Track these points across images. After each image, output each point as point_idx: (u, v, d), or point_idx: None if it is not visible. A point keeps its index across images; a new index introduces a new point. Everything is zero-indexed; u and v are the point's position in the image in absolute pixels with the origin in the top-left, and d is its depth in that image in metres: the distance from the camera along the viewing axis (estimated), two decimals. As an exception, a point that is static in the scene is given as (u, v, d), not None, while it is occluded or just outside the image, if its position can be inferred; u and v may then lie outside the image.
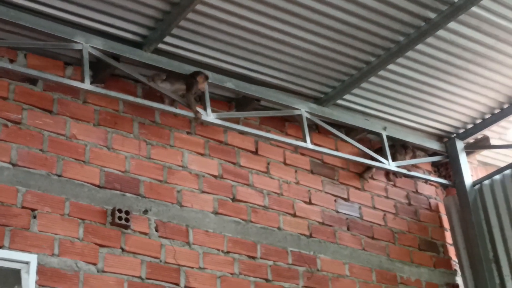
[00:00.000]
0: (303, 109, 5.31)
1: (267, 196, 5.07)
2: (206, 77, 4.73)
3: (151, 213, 4.44)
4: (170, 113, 4.73)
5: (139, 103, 4.55)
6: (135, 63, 4.63)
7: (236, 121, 5.06)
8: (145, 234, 4.36)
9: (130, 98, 4.52)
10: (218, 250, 4.62)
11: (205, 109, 4.78)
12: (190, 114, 4.70)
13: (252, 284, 4.66)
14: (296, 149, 5.39)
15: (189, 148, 4.84)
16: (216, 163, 4.92)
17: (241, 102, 5.20)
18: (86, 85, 4.30)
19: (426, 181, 6.15)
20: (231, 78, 4.99)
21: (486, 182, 5.91)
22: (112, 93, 4.43)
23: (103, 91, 4.41)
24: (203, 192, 4.76)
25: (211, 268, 4.53)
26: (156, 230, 4.41)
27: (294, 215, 5.15)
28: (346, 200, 5.55)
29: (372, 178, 5.79)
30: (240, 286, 4.59)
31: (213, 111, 4.85)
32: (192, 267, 4.45)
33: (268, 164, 5.21)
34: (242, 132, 5.07)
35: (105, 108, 4.57)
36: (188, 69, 4.77)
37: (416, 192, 6.09)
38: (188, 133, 4.89)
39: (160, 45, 4.62)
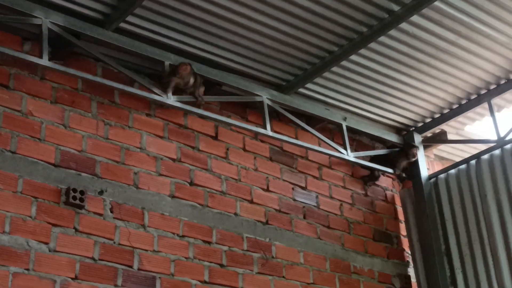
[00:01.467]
0: (265, 96, 5.31)
1: (225, 182, 5.05)
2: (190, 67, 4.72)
3: (107, 194, 4.39)
4: (129, 94, 4.67)
5: (98, 82, 4.48)
6: (96, 42, 4.55)
7: (197, 104, 5.01)
8: (100, 215, 4.31)
9: (89, 76, 4.44)
10: (173, 233, 4.60)
11: (165, 91, 4.73)
12: (150, 95, 4.65)
13: (206, 268, 4.65)
14: (256, 135, 5.39)
15: (148, 130, 4.79)
16: (175, 146, 4.88)
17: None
18: (44, 61, 4.21)
19: (384, 172, 6.21)
20: (193, 62, 4.94)
21: (442, 176, 6.00)
22: (71, 71, 4.35)
23: (62, 68, 4.32)
24: (161, 175, 4.72)
25: (166, 252, 4.50)
26: (111, 212, 4.36)
27: (251, 202, 5.14)
28: (304, 188, 5.57)
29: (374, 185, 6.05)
30: (194, 270, 4.57)
31: (173, 93, 4.80)
32: (146, 250, 4.42)
33: (227, 149, 5.19)
34: (202, 116, 5.03)
35: (63, 86, 4.48)
36: (150, 50, 4.72)
37: (373, 183, 6.15)
38: (147, 115, 4.84)
39: (122, 25, 4.55)
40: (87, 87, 4.57)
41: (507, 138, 5.55)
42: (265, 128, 5.22)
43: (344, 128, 5.79)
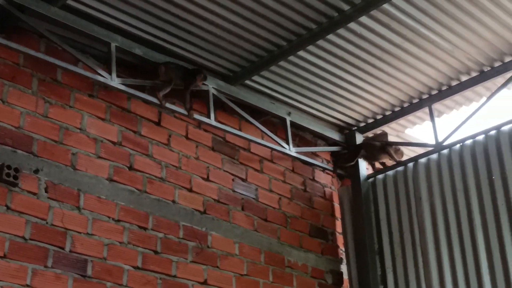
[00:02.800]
0: (211, 85, 5.29)
1: (165, 168, 5.02)
2: (205, 77, 4.98)
3: (42, 173, 4.30)
4: (73, 73, 4.58)
5: (41, 58, 4.38)
6: (41, 17, 4.44)
7: (142, 89, 4.96)
8: (34, 194, 4.22)
9: (32, 52, 4.35)
10: (109, 217, 4.54)
11: (110, 73, 4.67)
12: (94, 76, 4.59)
13: (139, 254, 4.61)
14: (199, 124, 5.37)
15: (90, 111, 4.71)
16: (116, 130, 4.82)
17: (148, 71, 5.10)
18: (-15, 33, 4.11)
19: (324, 169, 6.28)
20: (140, 45, 4.90)
21: (380, 176, 6.10)
22: (13, 45, 4.25)
23: (3, 41, 4.22)
24: (100, 157, 4.65)
25: (99, 235, 4.44)
26: (46, 191, 4.28)
27: (190, 190, 5.13)
28: (244, 180, 5.59)
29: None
30: (127, 256, 4.53)
31: (118, 76, 4.74)
32: (80, 232, 4.35)
33: (170, 136, 5.16)
34: (146, 101, 4.99)
35: (4, 60, 4.36)
36: (97, 30, 4.65)
37: (313, 179, 6.21)
38: (90, 95, 4.76)
39: (69, 2, 4.46)
40: (29, 63, 4.47)
41: (445, 143, 5.68)
42: (209, 117, 5.21)
43: (288, 123, 5.84)
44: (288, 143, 5.79)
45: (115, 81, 4.67)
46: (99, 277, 4.34)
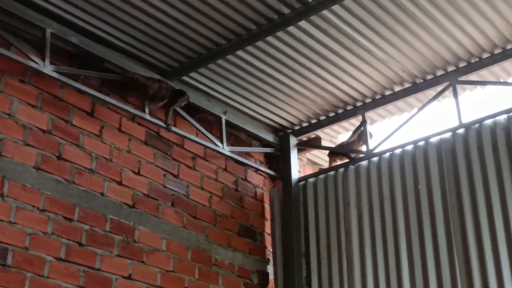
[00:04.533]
0: (147, 79, 5.26)
1: (95, 160, 4.95)
2: (188, 98, 5.31)
3: (-34, 157, 4.18)
4: (4, 57, 4.45)
5: (-29, 39, 4.26)
6: (-25, -3, 4.33)
7: (76, 78, 4.88)
8: (-45, 178, 4.10)
9: (-38, 32, 4.22)
10: (34, 206, 4.44)
11: (43, 59, 4.57)
12: (27, 62, 4.48)
13: (63, 246, 4.53)
14: (133, 117, 5.31)
15: (20, 97, 4.59)
16: (47, 118, 4.72)
17: (84, 60, 5.03)
18: None
19: (256, 170, 6.32)
20: (76, 33, 4.81)
21: (311, 180, 6.18)
22: None
23: None
24: (28, 145, 4.54)
25: (22, 224, 4.34)
26: (-32, 176, 4.16)
27: (120, 183, 5.07)
28: (176, 176, 5.56)
29: None
30: (50, 246, 4.44)
31: (52, 63, 4.65)
32: (2, 220, 4.23)
33: (102, 128, 5.08)
34: (80, 91, 4.90)
35: None
36: (32, 15, 4.54)
37: (245, 179, 6.24)
38: (21, 81, 4.64)
39: (5, -16, 4.36)
40: (-42, 43, 4.34)
41: (375, 151, 5.80)
42: (143, 111, 5.17)
43: (223, 121, 5.85)
44: (222, 142, 5.80)
45: (48, 68, 4.58)
46: (20, 266, 4.24)
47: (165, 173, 5.48)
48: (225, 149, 5.81)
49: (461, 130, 5.32)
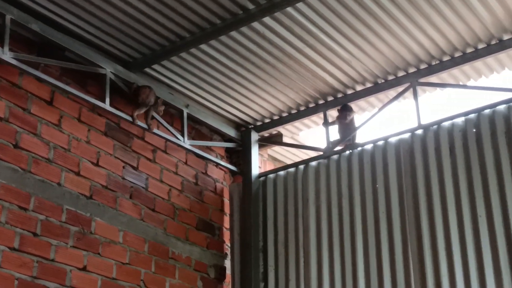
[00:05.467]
0: (108, 69, 5.21)
1: (53, 149, 4.88)
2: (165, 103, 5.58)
3: None
4: (-38, 41, 4.38)
5: None
6: None
7: (36, 66, 4.81)
8: None
9: None
10: (-13, 195, 4.37)
11: (2, 46, 4.49)
12: (-15, 47, 4.40)
13: (17, 235, 4.46)
14: (94, 108, 5.26)
15: (-23, 84, 4.52)
16: (4, 105, 4.63)
17: (44, 48, 4.95)
18: None
19: (217, 164, 6.32)
20: (37, 21, 4.74)
21: (271, 176, 6.20)
22: None
23: None
24: (-17, 132, 4.47)
25: (-25, 213, 4.28)
26: None
27: (77, 174, 5.01)
28: (135, 168, 5.52)
29: None
30: (3, 236, 4.35)
31: (11, 50, 4.57)
32: (-46, 208, 4.17)
33: (61, 117, 5.01)
34: (39, 79, 4.83)
35: None
36: (-8, 0, 4.46)
37: (205, 173, 6.23)
38: (-22, 67, 4.57)
39: (-35, -33, 4.27)
40: None
41: (335, 149, 5.85)
42: (103, 101, 5.12)
43: (185, 115, 5.83)
44: (183, 135, 5.79)
45: (7, 55, 4.50)
46: (-29, 256, 4.18)
47: (125, 165, 5.44)
48: (186, 142, 5.80)
49: (419, 131, 5.39)
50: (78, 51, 4.99)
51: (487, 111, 5.10)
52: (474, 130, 5.11)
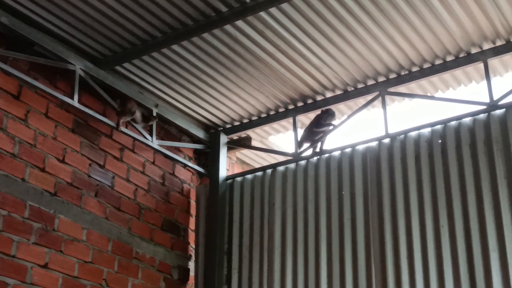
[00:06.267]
0: (78, 66, 5.17)
1: (18, 144, 4.82)
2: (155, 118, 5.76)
3: None
4: None
5: None
6: None
7: (4, 59, 4.75)
8: None
9: None
10: (-51, 188, 4.31)
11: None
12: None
13: (-22, 230, 4.41)
14: (62, 104, 5.21)
15: None
16: (-30, 98, 4.59)
17: (14, 42, 4.89)
18: None
19: (185, 165, 6.30)
20: (7, 14, 4.68)
21: (239, 179, 6.21)
22: None
23: None
24: None
25: None
26: None
27: (42, 170, 4.96)
28: (102, 166, 5.49)
29: None
30: (-37, 230, 4.32)
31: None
32: None
33: (28, 112, 4.96)
34: (7, 73, 4.77)
35: None
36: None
37: (173, 174, 6.21)
38: None
39: None
40: None
41: (303, 154, 5.88)
42: (72, 98, 5.08)
43: (154, 114, 5.81)
44: (152, 135, 5.77)
45: (-26, 47, 4.44)
46: None
47: (91, 162, 5.40)
48: (154, 142, 5.78)
49: (386, 140, 5.45)
50: (48, 46, 4.95)
51: (453, 123, 5.18)
52: (440, 141, 5.18)
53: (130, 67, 5.45)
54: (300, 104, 6.00)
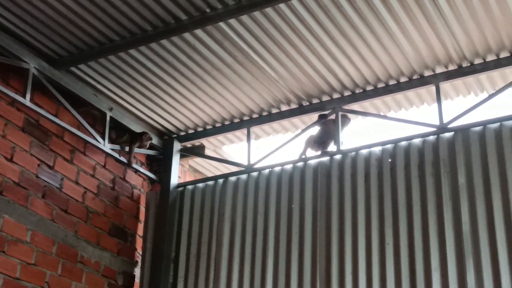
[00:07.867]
0: (32, 65, 5.10)
1: (-35, 141, 4.73)
2: (150, 138, 5.97)
3: None
4: None
5: None
6: None
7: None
8: None
9: None
10: None
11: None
12: None
13: None
14: (13, 102, 5.12)
15: None
16: None
17: (-33, 36, 4.82)
18: None
19: (136, 171, 6.25)
20: (-38, 8, 4.61)
21: (190, 187, 6.20)
22: None
23: None
24: None
25: None
26: None
27: (-11, 168, 4.88)
28: (51, 168, 5.41)
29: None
30: None
31: None
32: None
33: (-23, 108, 4.88)
34: (-42, 67, 4.69)
35: None
36: None
37: (123, 179, 6.16)
38: None
39: None
40: None
41: (256, 166, 5.90)
42: (24, 97, 5.01)
43: (108, 118, 5.76)
44: (104, 138, 5.71)
45: None
46: None
47: (40, 163, 5.31)
48: (106, 146, 5.73)
49: (338, 156, 5.52)
50: (1, 43, 4.88)
51: (403, 143, 5.28)
52: (390, 160, 5.27)
53: (86, 69, 5.40)
54: (255, 116, 6.04)
